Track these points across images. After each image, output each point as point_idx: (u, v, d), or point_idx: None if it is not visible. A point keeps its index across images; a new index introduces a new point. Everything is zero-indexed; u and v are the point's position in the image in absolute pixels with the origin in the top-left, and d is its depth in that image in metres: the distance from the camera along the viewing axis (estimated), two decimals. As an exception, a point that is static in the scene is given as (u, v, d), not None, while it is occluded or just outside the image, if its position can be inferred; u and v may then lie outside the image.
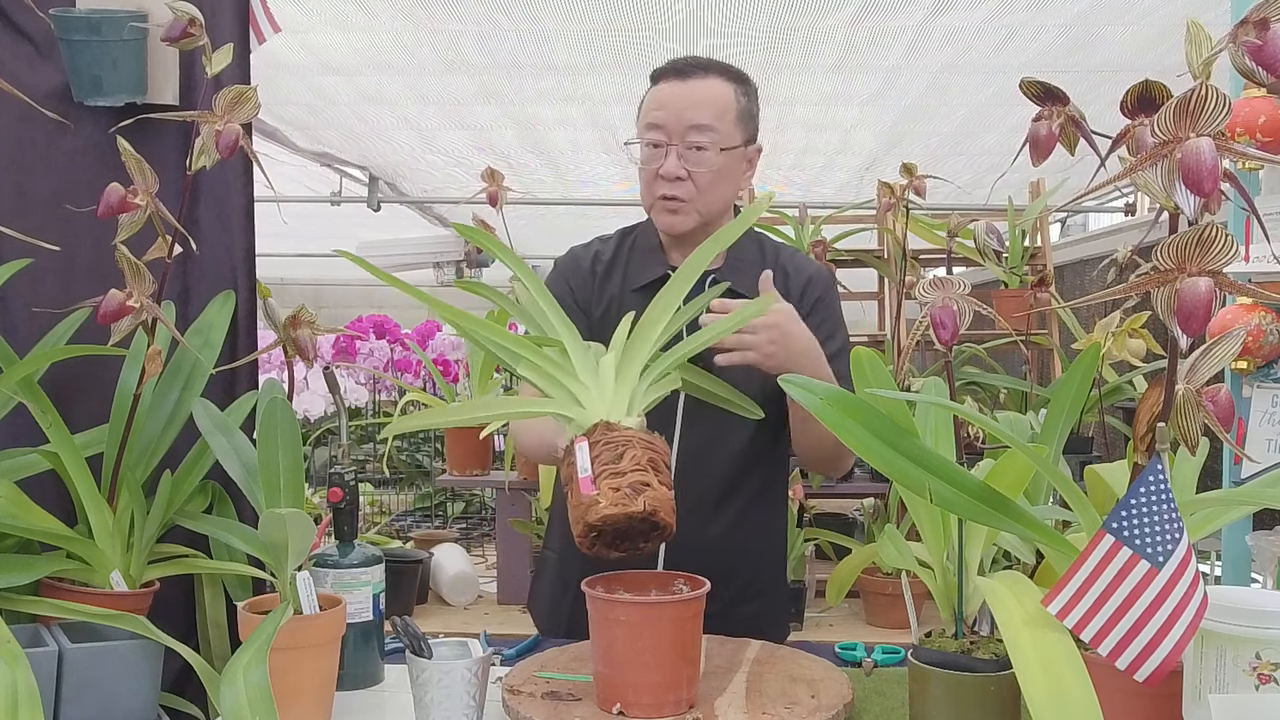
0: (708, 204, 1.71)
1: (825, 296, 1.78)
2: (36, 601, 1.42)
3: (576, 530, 1.26)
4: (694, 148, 1.67)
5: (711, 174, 1.68)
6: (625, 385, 1.33)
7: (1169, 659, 0.99)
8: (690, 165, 1.67)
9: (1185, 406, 1.08)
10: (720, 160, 1.68)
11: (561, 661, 1.47)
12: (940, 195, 3.95)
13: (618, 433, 1.27)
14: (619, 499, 1.21)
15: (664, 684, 1.28)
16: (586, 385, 1.34)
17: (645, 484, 1.23)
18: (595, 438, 1.26)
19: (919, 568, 1.33)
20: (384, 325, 3.97)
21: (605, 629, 1.29)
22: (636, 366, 1.35)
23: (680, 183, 1.68)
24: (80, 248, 1.68)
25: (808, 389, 1.20)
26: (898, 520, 2.22)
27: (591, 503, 1.22)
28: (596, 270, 1.79)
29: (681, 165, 1.67)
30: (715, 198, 1.72)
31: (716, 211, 1.74)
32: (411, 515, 3.67)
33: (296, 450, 1.50)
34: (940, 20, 2.90)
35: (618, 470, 1.23)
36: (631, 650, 1.27)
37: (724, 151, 1.68)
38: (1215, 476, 1.90)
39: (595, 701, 1.31)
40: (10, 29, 1.70)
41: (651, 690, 1.27)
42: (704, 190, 1.69)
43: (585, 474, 1.24)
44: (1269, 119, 1.68)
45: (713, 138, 1.67)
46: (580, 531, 1.25)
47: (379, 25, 3.04)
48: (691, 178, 1.68)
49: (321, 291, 7.40)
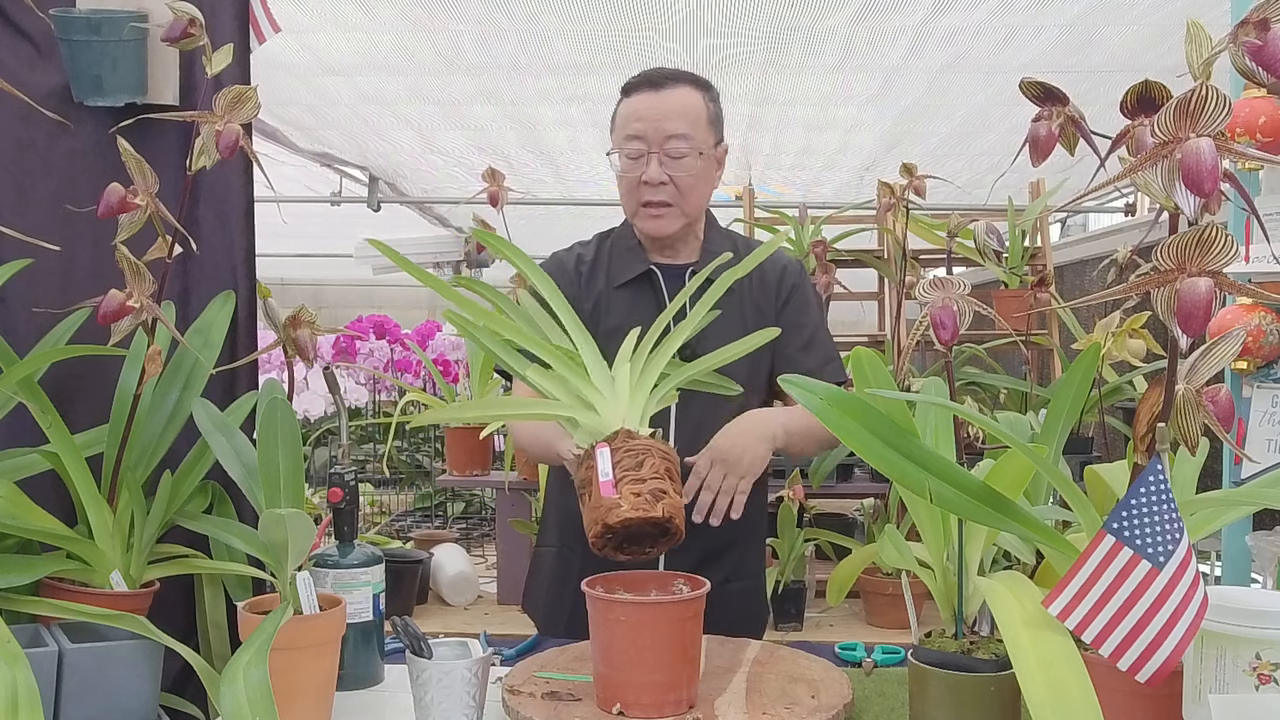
0: (690, 205, 1.82)
1: (800, 284, 1.90)
2: (36, 601, 1.42)
3: (593, 530, 1.31)
4: (673, 154, 1.77)
5: (691, 177, 1.79)
6: (640, 397, 1.41)
7: (1170, 659, 0.99)
8: (671, 170, 1.78)
9: (1185, 406, 1.08)
10: (699, 164, 1.80)
11: (561, 662, 1.47)
12: (940, 195, 3.95)
13: (638, 441, 1.34)
14: (640, 504, 1.28)
15: (664, 684, 1.28)
16: (603, 394, 1.41)
17: (664, 491, 1.31)
18: (617, 444, 1.33)
19: (919, 568, 1.33)
20: (384, 325, 3.97)
21: (605, 629, 1.29)
22: (651, 379, 1.43)
23: (663, 187, 1.79)
24: (80, 248, 1.68)
25: (807, 389, 1.20)
26: (898, 520, 2.22)
27: (613, 505, 1.28)
28: (581, 271, 1.89)
29: (663, 171, 1.78)
30: (697, 198, 1.83)
31: (697, 212, 1.86)
32: (411, 515, 3.67)
33: (296, 450, 1.50)
34: (940, 20, 2.90)
35: (639, 477, 1.30)
36: (632, 650, 1.27)
37: (701, 155, 1.79)
38: (1215, 476, 1.90)
39: (595, 701, 1.31)
40: (10, 29, 1.70)
41: (652, 690, 1.27)
42: (686, 193, 1.80)
43: (606, 478, 1.31)
44: (1269, 119, 1.68)
45: (690, 144, 1.78)
46: (597, 532, 1.31)
47: (379, 25, 3.04)
48: (674, 181, 1.78)
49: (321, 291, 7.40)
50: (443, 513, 3.68)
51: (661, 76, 1.81)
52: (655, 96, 1.79)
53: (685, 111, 1.79)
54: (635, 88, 1.82)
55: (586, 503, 1.34)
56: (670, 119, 1.77)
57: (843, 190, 4.83)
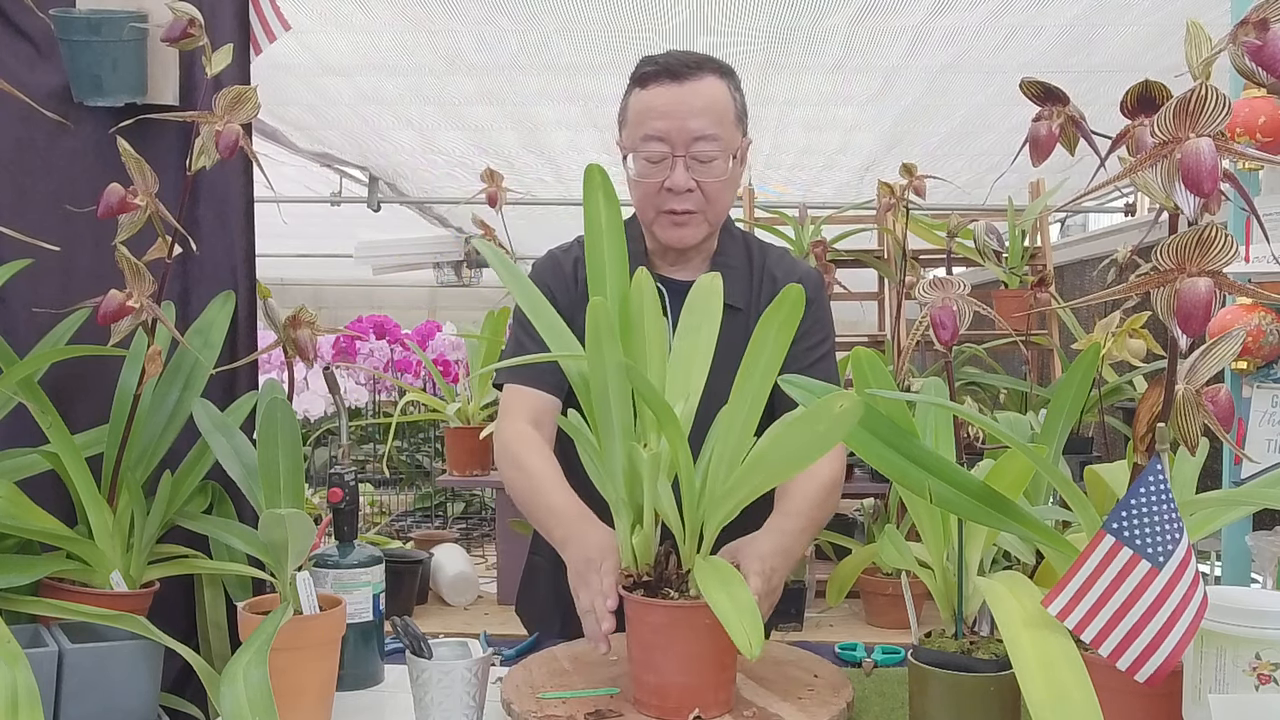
0: (716, 212, 1.66)
1: (814, 300, 1.72)
2: (36, 601, 1.42)
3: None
4: (701, 158, 1.60)
5: (720, 182, 1.62)
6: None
7: (1170, 659, 0.99)
8: (699, 175, 1.60)
9: (1185, 406, 1.08)
10: (728, 168, 1.62)
11: (546, 677, 1.42)
12: (940, 195, 3.95)
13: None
14: None
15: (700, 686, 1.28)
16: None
17: None
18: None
19: (919, 568, 1.33)
20: (384, 326, 3.97)
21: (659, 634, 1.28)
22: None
23: (689, 194, 1.61)
24: (80, 248, 1.68)
25: (807, 390, 1.20)
26: (898, 520, 2.22)
27: None
28: (579, 277, 1.70)
29: (690, 176, 1.60)
30: (723, 205, 1.67)
31: (722, 218, 1.70)
32: (411, 515, 3.67)
33: (296, 450, 1.50)
34: (940, 20, 2.90)
35: None
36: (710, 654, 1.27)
37: (732, 159, 1.62)
38: (1215, 476, 1.90)
39: (642, 709, 1.30)
40: (10, 29, 1.70)
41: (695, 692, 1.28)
42: (713, 200, 1.64)
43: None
44: (1269, 119, 1.68)
45: (719, 145, 1.60)
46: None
47: (379, 25, 3.04)
48: (700, 188, 1.61)
49: (321, 292, 7.40)
50: (443, 513, 3.68)
51: (681, 65, 1.59)
52: (678, 90, 1.58)
53: (712, 107, 1.59)
54: (653, 78, 1.61)
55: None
56: (696, 116, 1.57)
57: (843, 190, 4.83)
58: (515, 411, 1.67)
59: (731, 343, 1.63)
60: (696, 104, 1.59)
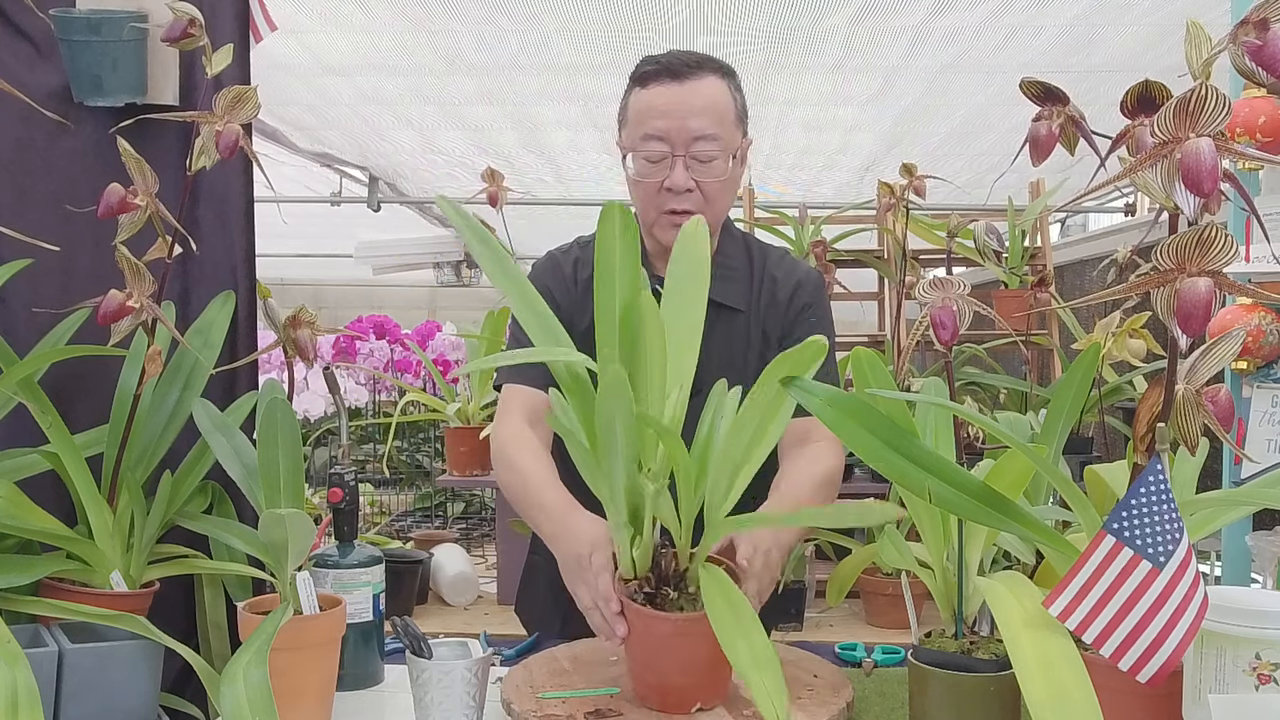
0: (716, 213, 1.66)
1: (814, 301, 1.73)
2: (36, 601, 1.42)
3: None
4: (701, 158, 1.60)
5: (720, 182, 1.63)
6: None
7: (1171, 660, 0.99)
8: (699, 175, 1.61)
9: (1185, 406, 1.08)
10: (728, 168, 1.63)
11: (546, 677, 1.43)
12: (940, 195, 3.95)
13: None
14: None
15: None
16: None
17: None
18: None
19: (919, 568, 1.33)
20: (384, 326, 3.97)
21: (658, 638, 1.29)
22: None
23: (689, 194, 1.61)
24: (80, 248, 1.68)
25: (807, 390, 1.20)
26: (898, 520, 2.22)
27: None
28: (579, 279, 1.71)
29: (690, 176, 1.60)
30: (723, 206, 1.67)
31: (722, 218, 1.70)
32: (411, 515, 3.67)
33: (296, 450, 1.50)
34: (940, 20, 2.90)
35: None
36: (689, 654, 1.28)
37: (731, 158, 1.63)
38: (1215, 476, 1.90)
39: (644, 702, 1.31)
40: (10, 29, 1.70)
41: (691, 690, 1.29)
42: (713, 200, 1.63)
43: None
44: (1269, 119, 1.68)
45: (719, 145, 1.60)
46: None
47: (379, 25, 3.04)
48: (700, 188, 1.61)
49: (321, 292, 7.40)
50: (443, 513, 3.68)
51: (682, 64, 1.60)
52: (678, 89, 1.59)
53: (712, 107, 1.60)
54: (653, 77, 1.61)
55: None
56: (696, 116, 1.58)
57: (843, 190, 4.83)
58: (512, 411, 1.67)
59: (732, 344, 1.64)
60: (697, 104, 1.59)
